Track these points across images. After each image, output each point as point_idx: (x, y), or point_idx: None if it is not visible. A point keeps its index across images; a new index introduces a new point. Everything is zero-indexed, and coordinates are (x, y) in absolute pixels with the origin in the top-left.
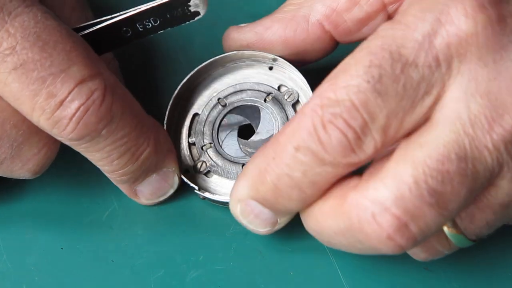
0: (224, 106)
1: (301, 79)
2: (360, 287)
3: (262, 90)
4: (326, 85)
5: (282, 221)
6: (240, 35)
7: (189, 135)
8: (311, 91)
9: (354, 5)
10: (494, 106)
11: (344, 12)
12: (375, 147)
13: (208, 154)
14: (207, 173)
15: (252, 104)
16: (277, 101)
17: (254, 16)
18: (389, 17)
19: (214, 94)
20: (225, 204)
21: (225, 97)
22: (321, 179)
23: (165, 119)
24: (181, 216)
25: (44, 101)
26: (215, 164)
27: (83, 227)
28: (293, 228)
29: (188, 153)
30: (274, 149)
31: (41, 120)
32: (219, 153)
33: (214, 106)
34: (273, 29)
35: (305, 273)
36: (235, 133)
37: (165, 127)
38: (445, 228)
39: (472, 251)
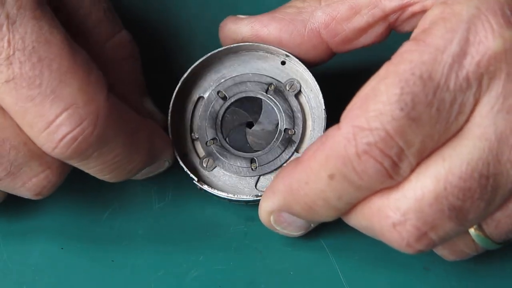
0: (224, 98)
1: (312, 80)
2: (360, 287)
3: (263, 81)
4: (356, 112)
5: (316, 225)
6: (237, 27)
7: (191, 130)
8: (321, 96)
9: (355, 14)
10: None
11: (344, 21)
12: (411, 169)
13: (214, 150)
14: (213, 169)
15: (254, 96)
16: (279, 92)
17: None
18: (390, 25)
19: (221, 81)
20: (222, 199)
21: (225, 89)
22: (357, 200)
23: (171, 104)
24: (181, 216)
25: (32, 119)
26: (221, 160)
27: (83, 227)
28: None
29: (193, 149)
30: (307, 173)
31: (31, 136)
32: (225, 148)
33: (215, 99)
34: (269, 28)
35: (305, 273)
36: (239, 129)
37: (169, 112)
38: (472, 232)
39: None
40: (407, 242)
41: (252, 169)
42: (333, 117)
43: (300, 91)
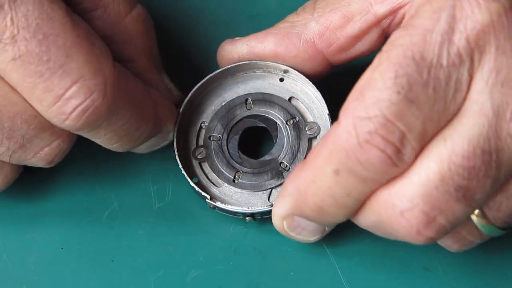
0: (249, 108)
1: (313, 92)
2: (360, 287)
3: (289, 111)
4: (354, 103)
5: (330, 228)
6: (233, 47)
7: (194, 154)
8: (325, 104)
9: (348, 22)
10: None
11: (337, 29)
12: (415, 154)
13: (211, 146)
14: (201, 161)
15: (274, 119)
16: (297, 128)
17: (253, 17)
18: (384, 31)
19: (223, 103)
20: (236, 214)
21: (253, 101)
22: (365, 195)
23: (174, 136)
24: (181, 216)
25: (41, 94)
26: (212, 159)
27: (83, 227)
28: None
29: (195, 135)
30: (312, 171)
31: (40, 110)
32: (221, 150)
33: (239, 104)
34: (264, 43)
35: (305, 273)
36: (244, 138)
37: (174, 145)
38: (475, 219)
39: (472, 251)
40: (417, 229)
41: (234, 181)
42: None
43: (316, 136)
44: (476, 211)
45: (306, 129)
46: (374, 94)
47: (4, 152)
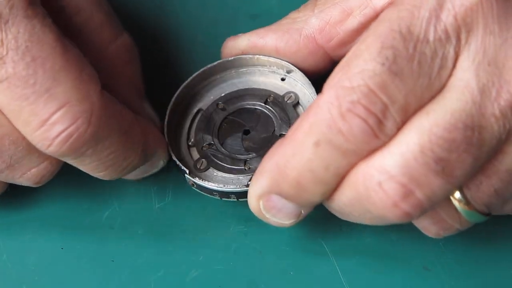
0: (223, 109)
1: (311, 93)
2: (360, 287)
3: (262, 94)
4: (339, 75)
5: (306, 212)
6: (235, 42)
7: (188, 138)
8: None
9: (348, 16)
10: (502, 72)
11: (337, 24)
12: (396, 128)
13: (208, 154)
14: (206, 171)
15: (252, 107)
16: (278, 103)
17: (254, 16)
18: None
19: (222, 94)
20: (213, 192)
21: (224, 102)
22: (344, 170)
23: (166, 117)
24: (181, 216)
25: (27, 118)
26: (214, 162)
27: (83, 227)
28: (293, 228)
29: (188, 154)
30: (292, 145)
31: (26, 134)
32: (220, 151)
33: (214, 110)
34: (266, 39)
35: (305, 273)
36: (236, 135)
37: (165, 125)
38: (454, 201)
39: (472, 251)
40: (393, 201)
41: (245, 169)
42: None
43: (298, 102)
44: (456, 194)
45: (286, 99)
46: (359, 63)
47: None
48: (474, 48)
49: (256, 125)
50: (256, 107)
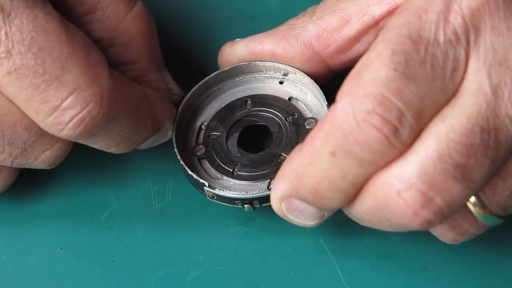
0: (248, 109)
1: (312, 90)
2: (360, 287)
3: (288, 109)
4: (352, 84)
5: (329, 214)
6: (233, 49)
7: (193, 151)
8: (324, 98)
9: (346, 24)
10: None
11: (335, 31)
12: (413, 135)
13: (210, 143)
14: (200, 159)
15: (274, 117)
16: (297, 124)
17: (254, 16)
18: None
19: (223, 105)
20: (233, 200)
21: (253, 102)
22: (361, 179)
23: (173, 133)
24: (181, 216)
25: (38, 106)
26: (211, 155)
27: (83, 227)
28: (293, 228)
29: (195, 135)
30: (310, 153)
31: (37, 121)
32: (221, 146)
33: (239, 105)
34: (263, 44)
35: (305, 273)
36: (241, 136)
37: (174, 141)
38: (470, 206)
39: (472, 251)
40: (414, 210)
41: (233, 173)
42: None
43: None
44: (472, 198)
45: (305, 124)
46: (371, 72)
47: (6, 158)
48: (483, 49)
49: (266, 138)
50: (277, 120)
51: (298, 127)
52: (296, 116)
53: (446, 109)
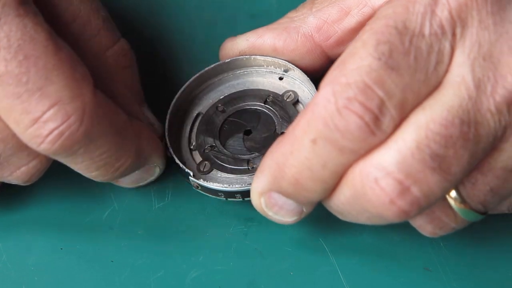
0: (223, 112)
1: (310, 89)
2: (360, 287)
3: (261, 94)
4: (335, 72)
5: (308, 209)
6: (234, 43)
7: (189, 142)
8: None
9: (346, 15)
10: (497, 67)
11: (335, 22)
12: (394, 125)
13: (211, 156)
14: (209, 173)
15: (252, 107)
16: (277, 102)
17: (254, 16)
18: None
19: (221, 97)
20: (218, 193)
21: (224, 104)
22: (342, 168)
23: (166, 122)
24: (181, 216)
25: (18, 116)
26: (217, 163)
27: (82, 227)
28: (293, 228)
29: (190, 157)
30: (290, 142)
31: (17, 132)
32: (222, 153)
33: (214, 113)
34: (264, 38)
35: (305, 273)
36: (237, 136)
37: (166, 129)
38: (450, 199)
39: (472, 251)
40: (390, 198)
41: (249, 169)
42: None
43: (298, 100)
44: (452, 192)
45: (285, 98)
46: (355, 61)
47: None
48: (469, 43)
49: (257, 125)
50: (256, 108)
51: (279, 103)
52: (271, 96)
53: (428, 100)
